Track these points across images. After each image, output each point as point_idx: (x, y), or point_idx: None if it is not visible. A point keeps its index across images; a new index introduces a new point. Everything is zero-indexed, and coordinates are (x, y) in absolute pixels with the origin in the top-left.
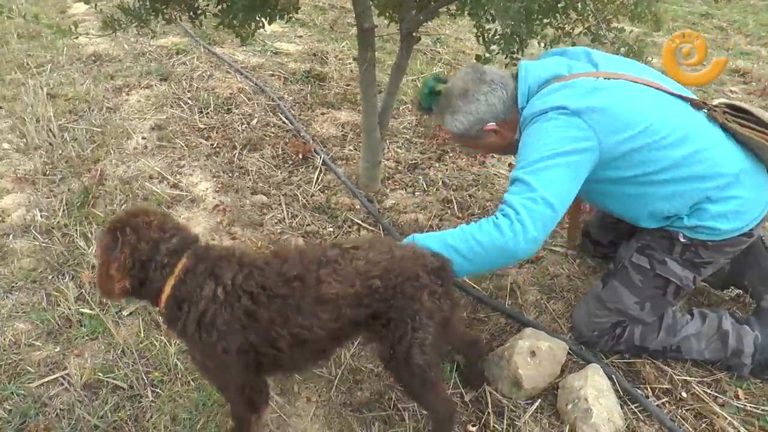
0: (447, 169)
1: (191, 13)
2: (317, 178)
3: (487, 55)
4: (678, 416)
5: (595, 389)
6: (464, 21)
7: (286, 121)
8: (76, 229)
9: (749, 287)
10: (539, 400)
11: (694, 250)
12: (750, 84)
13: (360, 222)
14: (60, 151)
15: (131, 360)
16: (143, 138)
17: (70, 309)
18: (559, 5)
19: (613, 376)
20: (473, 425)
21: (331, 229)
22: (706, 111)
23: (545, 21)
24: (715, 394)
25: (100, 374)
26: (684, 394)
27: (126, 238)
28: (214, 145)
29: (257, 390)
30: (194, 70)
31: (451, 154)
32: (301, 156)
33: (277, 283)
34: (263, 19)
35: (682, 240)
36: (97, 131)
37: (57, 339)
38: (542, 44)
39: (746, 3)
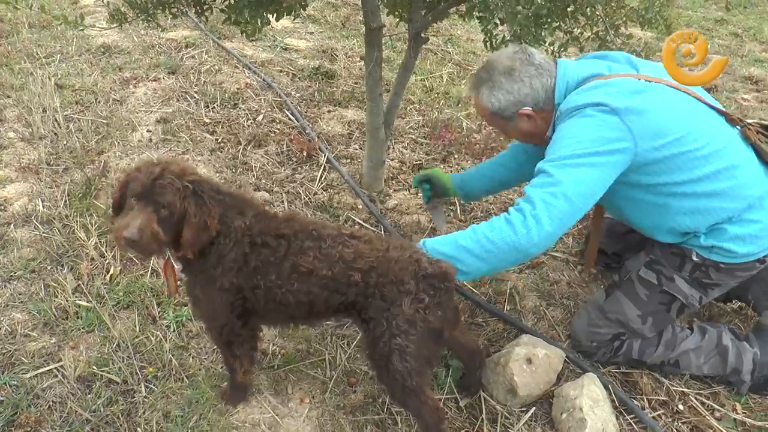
0: (452, 171)
1: (198, 8)
2: (320, 177)
3: None
4: (674, 429)
5: (591, 399)
6: (475, 22)
7: (292, 118)
8: (77, 221)
9: (752, 301)
10: (534, 407)
11: (705, 270)
12: (763, 92)
13: (362, 222)
14: (65, 142)
15: (126, 354)
16: (148, 131)
17: (67, 300)
18: (568, 9)
19: (609, 386)
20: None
21: None
22: (739, 128)
23: (554, 25)
24: (713, 407)
25: (94, 367)
26: (681, 407)
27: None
28: (219, 140)
29: (237, 335)
30: (203, 64)
31: (456, 156)
32: (305, 153)
33: (269, 236)
34: (270, 16)
35: (694, 259)
36: (102, 123)
37: (53, 330)
38: (551, 50)
39: (762, 9)
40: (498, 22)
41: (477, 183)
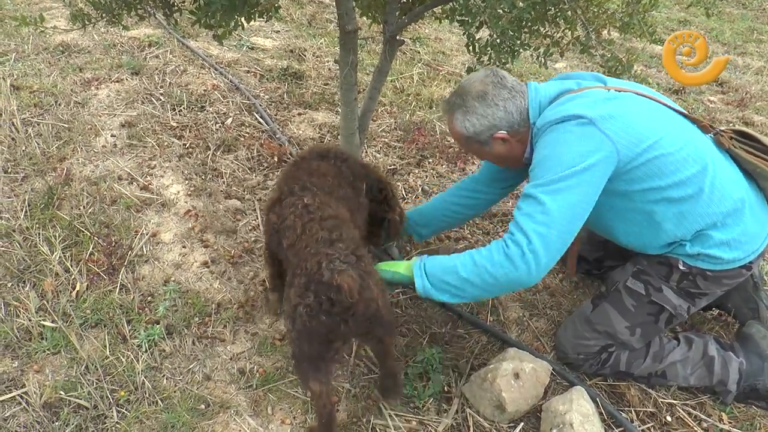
0: (427, 176)
1: (166, 10)
2: None
3: (477, 66)
4: None
5: (581, 414)
6: (445, 22)
7: (262, 121)
8: (39, 233)
9: (732, 309)
10: (522, 423)
11: (692, 279)
12: (728, 94)
13: None
14: (23, 148)
15: (95, 377)
16: (112, 136)
17: (30, 320)
18: (548, 13)
19: (597, 399)
20: None
21: None
22: (712, 135)
23: (534, 28)
24: (700, 417)
25: (61, 392)
26: (669, 418)
27: None
28: (187, 145)
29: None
30: (167, 64)
31: (430, 160)
32: (276, 159)
33: (295, 197)
34: (242, 19)
35: (681, 268)
36: (63, 127)
37: (15, 353)
38: (534, 56)
39: (722, 11)
40: (477, 27)
41: (437, 213)
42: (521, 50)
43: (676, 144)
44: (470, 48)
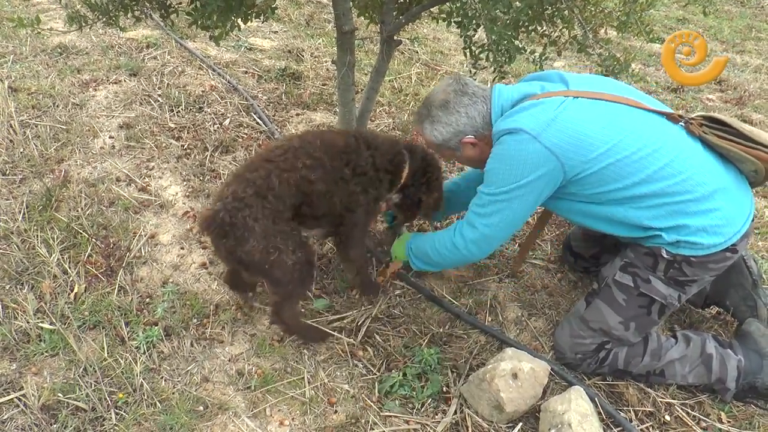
0: None
1: (162, 11)
2: None
3: (474, 70)
4: None
5: (579, 414)
6: (442, 22)
7: (260, 122)
8: (37, 235)
9: (731, 307)
10: (521, 423)
11: (678, 267)
12: (726, 92)
13: None
14: (21, 150)
15: (94, 379)
16: (110, 137)
17: (28, 322)
18: (545, 13)
19: (596, 399)
20: None
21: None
22: (682, 124)
23: (530, 28)
24: (699, 416)
25: (59, 394)
26: (667, 418)
27: None
28: (185, 147)
29: None
30: (165, 65)
31: None
32: None
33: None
34: (238, 20)
35: (665, 256)
36: (61, 129)
37: (13, 355)
38: (531, 58)
39: (721, 9)
40: (475, 28)
41: (457, 199)
42: (517, 54)
43: (635, 145)
44: (466, 53)
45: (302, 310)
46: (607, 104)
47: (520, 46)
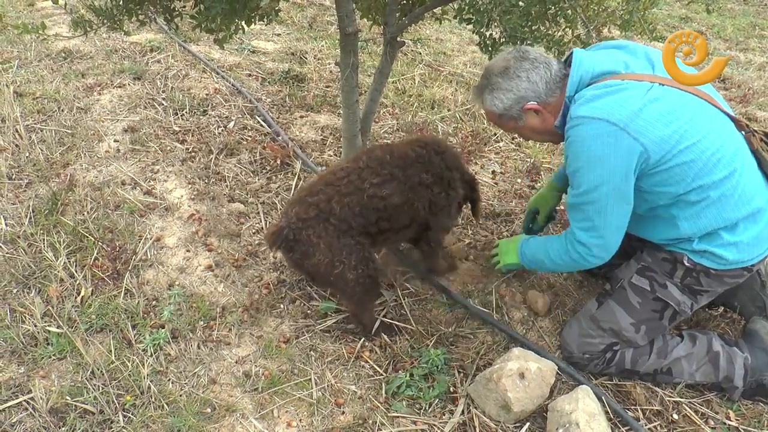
0: None
1: (167, 15)
2: (296, 185)
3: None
4: None
5: (587, 413)
6: (446, 22)
7: (264, 125)
8: (44, 239)
9: (739, 307)
10: (528, 423)
11: (696, 276)
12: (730, 90)
13: None
14: (27, 154)
15: (101, 382)
16: (115, 141)
17: (35, 326)
18: (549, 12)
19: (603, 398)
20: None
21: None
22: (744, 134)
23: (533, 27)
24: (707, 415)
25: (67, 397)
26: (675, 416)
27: None
28: (190, 150)
29: None
30: (169, 69)
31: None
32: (279, 162)
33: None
34: (242, 22)
35: (686, 263)
36: (66, 133)
37: (21, 359)
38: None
39: (725, 7)
40: (486, 24)
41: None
42: (535, 44)
43: (713, 146)
44: (482, 47)
45: (308, 311)
46: (691, 98)
47: (538, 34)
